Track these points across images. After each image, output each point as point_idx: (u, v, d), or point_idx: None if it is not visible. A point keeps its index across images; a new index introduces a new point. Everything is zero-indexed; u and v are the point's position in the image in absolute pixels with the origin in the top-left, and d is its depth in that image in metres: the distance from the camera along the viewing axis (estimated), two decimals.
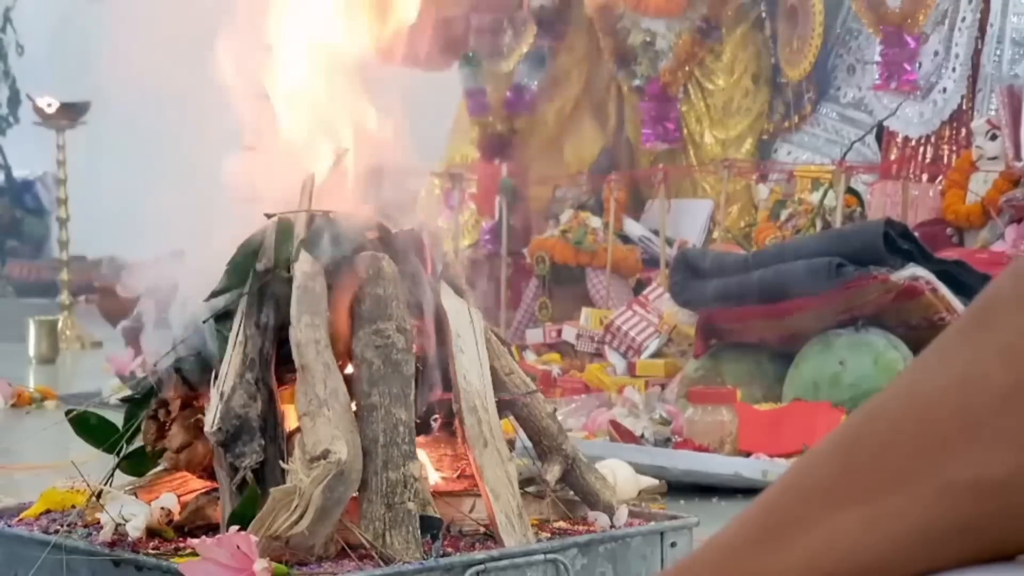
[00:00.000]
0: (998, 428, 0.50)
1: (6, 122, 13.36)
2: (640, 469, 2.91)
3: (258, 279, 1.90)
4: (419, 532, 1.78)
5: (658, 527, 2.00)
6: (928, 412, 0.52)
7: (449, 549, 1.83)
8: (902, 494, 0.52)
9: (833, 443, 0.57)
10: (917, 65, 6.34)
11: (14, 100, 13.07)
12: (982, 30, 6.17)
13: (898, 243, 3.85)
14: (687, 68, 7.22)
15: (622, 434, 3.39)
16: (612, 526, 1.99)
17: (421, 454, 1.90)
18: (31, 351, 6.85)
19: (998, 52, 6.14)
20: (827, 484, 0.55)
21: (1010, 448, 0.50)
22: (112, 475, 2.02)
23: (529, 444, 2.05)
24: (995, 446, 0.50)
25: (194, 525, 1.89)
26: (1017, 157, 5.62)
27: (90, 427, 2.05)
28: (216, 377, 1.86)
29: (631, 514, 2.04)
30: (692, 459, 3.09)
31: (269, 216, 1.95)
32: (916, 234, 4.14)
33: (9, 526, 2.01)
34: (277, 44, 2.16)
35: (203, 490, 1.96)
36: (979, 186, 5.63)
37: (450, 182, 7.31)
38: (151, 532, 1.85)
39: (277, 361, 1.89)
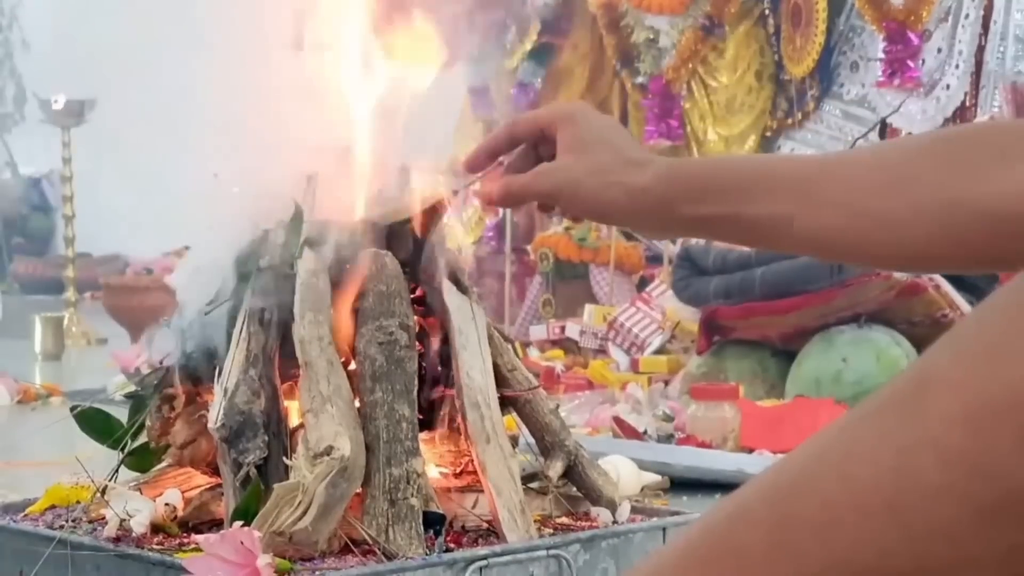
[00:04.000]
0: (930, 526, 0.53)
1: (12, 120, 13.39)
2: (643, 465, 2.91)
3: (262, 276, 1.91)
4: (422, 528, 1.78)
5: (660, 523, 2.01)
6: (863, 501, 0.54)
7: (452, 545, 1.83)
8: None
9: (766, 507, 0.58)
10: (920, 62, 6.34)
11: (20, 98, 13.09)
12: (985, 27, 6.17)
13: None
14: (690, 65, 7.22)
15: (625, 430, 3.40)
16: (614, 522, 2.00)
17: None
18: (37, 347, 6.85)
19: (1001, 49, 6.14)
20: (764, 560, 0.57)
21: (943, 544, 0.53)
22: (117, 471, 2.03)
23: (532, 440, 2.05)
24: (929, 543, 0.53)
25: (198, 521, 1.90)
26: None
27: (95, 423, 2.06)
28: (220, 373, 1.87)
29: (634, 510, 2.05)
30: (695, 455, 3.09)
31: (265, 229, 1.96)
32: None
33: (15, 521, 2.02)
34: (279, 45, 2.16)
35: (207, 486, 1.97)
36: None
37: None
38: (155, 528, 1.85)
39: (280, 358, 1.90)
